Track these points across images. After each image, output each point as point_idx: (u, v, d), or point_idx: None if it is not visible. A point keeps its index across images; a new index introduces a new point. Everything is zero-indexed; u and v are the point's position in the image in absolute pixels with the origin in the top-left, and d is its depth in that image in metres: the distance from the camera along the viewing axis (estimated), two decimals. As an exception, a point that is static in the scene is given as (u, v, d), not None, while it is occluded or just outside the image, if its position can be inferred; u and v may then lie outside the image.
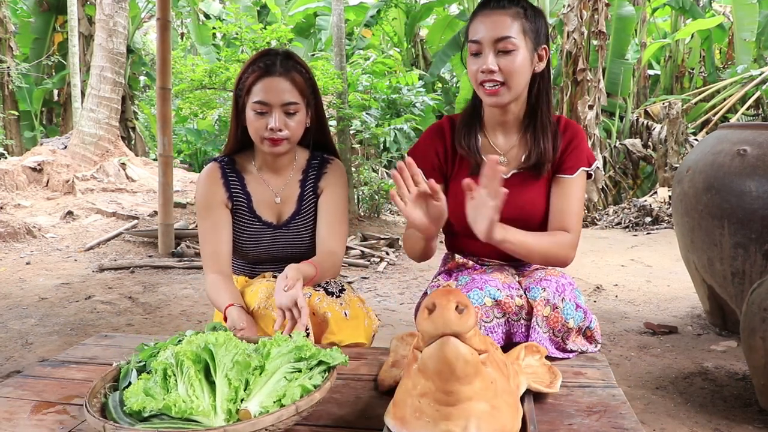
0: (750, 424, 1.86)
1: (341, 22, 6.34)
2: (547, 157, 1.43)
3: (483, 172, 1.19)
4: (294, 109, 1.50)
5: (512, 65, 1.34)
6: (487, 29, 1.35)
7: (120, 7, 7.54)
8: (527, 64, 1.37)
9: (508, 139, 1.49)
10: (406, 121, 7.61)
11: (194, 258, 4.58)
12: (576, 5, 6.97)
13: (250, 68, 1.51)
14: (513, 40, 1.34)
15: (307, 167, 1.65)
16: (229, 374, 0.93)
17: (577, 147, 1.45)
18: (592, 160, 1.47)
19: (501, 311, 1.30)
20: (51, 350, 2.64)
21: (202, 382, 0.92)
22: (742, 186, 2.46)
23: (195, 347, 0.95)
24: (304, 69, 1.55)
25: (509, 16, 1.35)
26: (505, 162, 1.47)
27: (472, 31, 1.39)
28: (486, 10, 1.37)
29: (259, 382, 0.94)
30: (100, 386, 0.99)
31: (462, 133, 1.48)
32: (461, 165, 1.49)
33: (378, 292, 3.74)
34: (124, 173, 7.44)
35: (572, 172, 1.44)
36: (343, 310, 1.46)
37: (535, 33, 1.38)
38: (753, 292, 1.92)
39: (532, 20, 1.37)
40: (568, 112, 7.12)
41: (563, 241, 1.39)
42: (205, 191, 1.57)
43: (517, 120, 1.47)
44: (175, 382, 0.93)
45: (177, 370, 0.94)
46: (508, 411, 0.87)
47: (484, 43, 1.35)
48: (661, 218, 6.24)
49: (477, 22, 1.38)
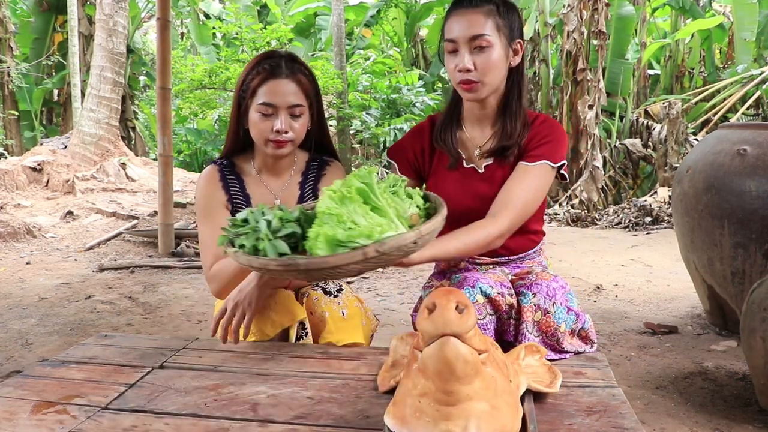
0: (750, 424, 1.86)
1: (341, 22, 6.34)
2: (512, 141, 1.43)
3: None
4: (299, 111, 1.50)
5: (488, 62, 1.37)
6: (461, 28, 1.38)
7: (120, 7, 7.55)
8: (502, 60, 1.40)
9: (484, 132, 1.51)
10: (406, 121, 7.62)
11: (194, 258, 4.58)
12: (576, 5, 6.97)
13: (255, 70, 1.50)
14: (487, 38, 1.36)
15: (306, 169, 1.64)
16: (388, 199, 1.09)
17: (548, 142, 1.43)
18: (561, 159, 1.44)
19: (493, 308, 1.30)
20: (51, 350, 2.64)
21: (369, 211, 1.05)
22: (742, 186, 2.46)
23: (352, 188, 1.07)
24: (307, 71, 1.55)
25: (482, 14, 1.37)
26: (479, 156, 1.49)
27: (447, 30, 1.41)
28: (460, 8, 1.40)
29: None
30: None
31: (440, 129, 1.51)
32: (440, 160, 1.52)
33: (378, 292, 3.74)
34: (124, 173, 7.44)
35: (533, 160, 1.41)
36: (341, 310, 1.46)
37: (508, 28, 1.40)
38: (753, 292, 1.92)
39: (505, 16, 1.40)
40: (568, 112, 7.13)
41: (481, 236, 1.31)
42: (205, 194, 1.57)
43: (491, 113, 1.49)
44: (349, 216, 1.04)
45: (343, 207, 1.04)
46: (508, 411, 0.87)
47: (460, 41, 1.38)
48: (661, 218, 6.24)
49: (452, 21, 1.41)
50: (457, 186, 1.48)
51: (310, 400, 1.13)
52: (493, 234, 1.32)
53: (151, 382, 1.22)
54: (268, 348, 1.41)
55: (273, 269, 1.02)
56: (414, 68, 10.35)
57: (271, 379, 1.23)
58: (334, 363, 1.31)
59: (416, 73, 9.32)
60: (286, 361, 1.32)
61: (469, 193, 1.47)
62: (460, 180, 1.49)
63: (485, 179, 1.47)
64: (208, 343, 1.45)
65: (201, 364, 1.31)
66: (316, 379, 1.23)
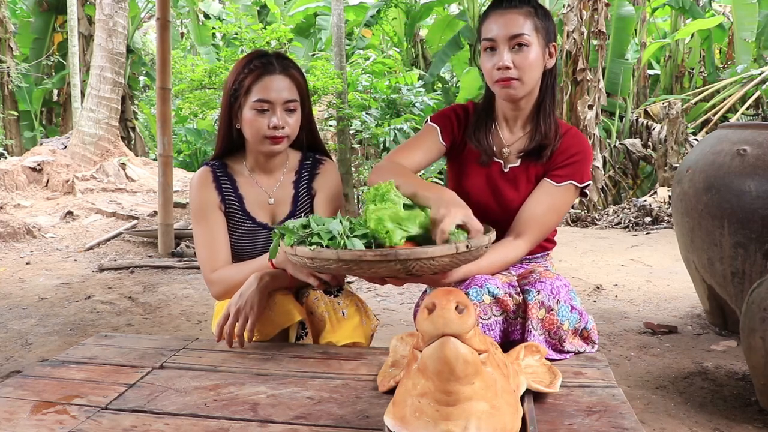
0: (750, 424, 1.86)
1: (341, 22, 6.34)
2: (549, 141, 1.47)
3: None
4: (294, 107, 1.51)
5: (526, 61, 1.40)
6: (501, 27, 1.40)
7: (120, 7, 7.55)
8: (539, 60, 1.43)
9: (514, 133, 1.54)
10: (405, 121, 7.61)
11: (194, 258, 4.58)
12: (576, 5, 6.97)
13: (246, 68, 1.50)
14: (527, 37, 1.39)
15: (299, 168, 1.65)
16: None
17: (577, 161, 1.47)
18: (587, 179, 1.49)
19: (499, 309, 1.31)
20: (51, 350, 2.64)
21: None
22: (742, 186, 2.46)
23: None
24: (297, 67, 1.57)
25: (522, 15, 1.41)
26: (507, 153, 1.52)
27: (485, 30, 1.44)
28: (499, 9, 1.43)
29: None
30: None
31: (474, 126, 1.54)
32: (471, 150, 1.54)
33: (378, 291, 3.74)
34: (123, 173, 7.44)
35: (560, 180, 1.46)
36: (341, 310, 1.46)
37: (545, 30, 1.44)
38: (753, 292, 1.92)
39: (543, 18, 1.43)
40: (568, 112, 7.13)
41: (509, 256, 1.42)
42: (198, 196, 1.57)
43: (525, 115, 1.52)
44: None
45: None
46: (508, 411, 0.87)
47: (499, 40, 1.40)
48: (661, 218, 6.24)
49: (490, 21, 1.44)
50: (483, 181, 1.52)
51: (310, 400, 1.13)
52: (520, 256, 1.44)
53: (150, 382, 1.22)
54: (268, 348, 1.41)
55: (368, 260, 1.09)
56: (414, 68, 10.34)
57: (271, 379, 1.23)
58: (334, 363, 1.31)
59: (416, 73, 9.31)
60: (286, 361, 1.32)
61: (490, 190, 1.51)
62: (486, 176, 1.52)
63: (508, 180, 1.50)
64: (208, 343, 1.45)
65: (201, 364, 1.31)
66: (316, 379, 1.23)
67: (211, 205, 1.56)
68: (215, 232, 1.55)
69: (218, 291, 1.53)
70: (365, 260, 1.10)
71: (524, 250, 1.44)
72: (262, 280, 1.42)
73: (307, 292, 1.53)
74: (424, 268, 1.12)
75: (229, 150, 1.62)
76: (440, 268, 1.15)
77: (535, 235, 1.44)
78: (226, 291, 1.51)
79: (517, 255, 1.43)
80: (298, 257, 1.18)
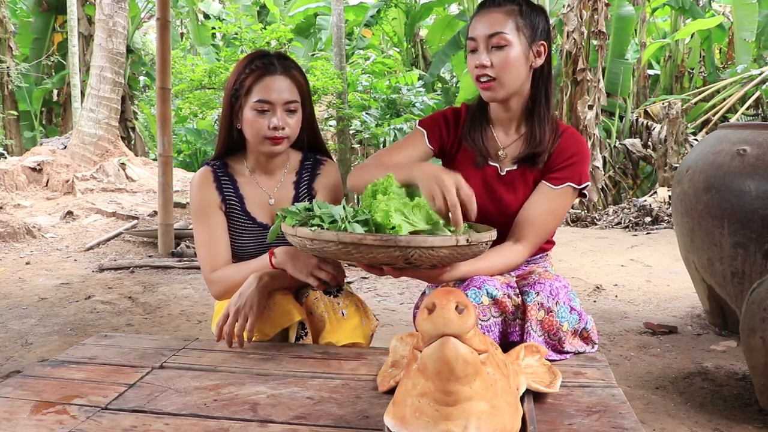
0: (750, 424, 1.86)
1: (341, 22, 6.34)
2: (544, 147, 1.45)
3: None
4: (294, 108, 1.51)
5: (504, 60, 1.38)
6: (481, 26, 1.41)
7: (120, 7, 7.55)
8: (521, 60, 1.40)
9: (509, 135, 1.52)
10: (405, 121, 7.62)
11: (194, 258, 4.58)
12: (576, 5, 6.96)
13: (247, 69, 1.50)
14: (505, 36, 1.38)
15: (300, 168, 1.64)
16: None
17: (574, 163, 1.46)
18: (585, 180, 1.47)
19: (498, 310, 1.31)
20: (51, 350, 2.64)
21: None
22: (742, 186, 2.46)
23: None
24: (299, 68, 1.57)
25: (503, 14, 1.40)
26: (504, 156, 1.50)
27: (470, 30, 1.44)
28: (483, 9, 1.43)
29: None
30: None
31: (469, 126, 1.53)
32: (466, 153, 1.53)
33: (378, 292, 3.74)
34: (123, 173, 7.44)
35: (557, 183, 1.44)
36: (341, 310, 1.46)
37: (530, 29, 1.41)
38: (753, 292, 1.92)
39: (528, 17, 1.41)
40: (568, 112, 7.13)
41: (509, 261, 1.42)
42: (199, 196, 1.57)
43: (516, 116, 1.50)
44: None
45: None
46: (508, 411, 0.87)
47: (479, 39, 1.40)
48: (660, 218, 6.24)
49: (474, 21, 1.44)
50: (480, 185, 1.50)
51: (309, 400, 1.13)
52: (521, 261, 1.44)
53: (150, 382, 1.22)
54: (268, 348, 1.41)
55: (368, 243, 1.09)
56: (414, 68, 10.35)
57: (270, 379, 1.23)
58: (334, 363, 1.31)
59: (416, 74, 9.32)
60: (286, 361, 1.32)
61: (487, 194, 1.49)
62: (482, 178, 1.50)
63: (505, 183, 1.49)
64: (208, 343, 1.45)
65: (201, 364, 1.31)
66: (315, 379, 1.23)
67: (211, 205, 1.56)
68: (215, 232, 1.55)
69: (218, 291, 1.53)
70: (365, 244, 1.09)
71: (525, 255, 1.43)
72: (261, 280, 1.42)
73: (306, 292, 1.52)
74: (423, 257, 1.11)
75: (230, 150, 1.62)
76: (439, 259, 1.14)
77: (535, 240, 1.44)
78: (225, 291, 1.51)
79: (517, 260, 1.42)
80: (299, 238, 1.17)
